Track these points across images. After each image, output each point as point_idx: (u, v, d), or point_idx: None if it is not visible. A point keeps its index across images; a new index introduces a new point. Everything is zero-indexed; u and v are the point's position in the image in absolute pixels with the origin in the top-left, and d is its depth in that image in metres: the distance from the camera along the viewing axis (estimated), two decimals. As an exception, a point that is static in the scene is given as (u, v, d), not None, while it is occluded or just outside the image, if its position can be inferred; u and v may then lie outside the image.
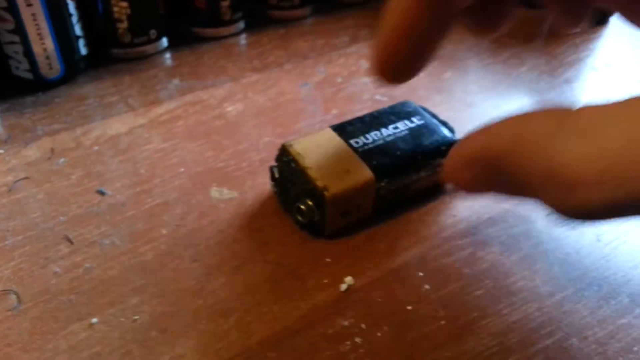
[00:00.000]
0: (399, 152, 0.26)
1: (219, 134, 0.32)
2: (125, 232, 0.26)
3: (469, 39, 0.41)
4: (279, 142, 0.31)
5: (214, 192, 0.29)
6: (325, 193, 0.24)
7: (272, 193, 0.28)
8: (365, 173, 0.25)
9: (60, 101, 0.35)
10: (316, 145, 0.26)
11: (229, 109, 0.34)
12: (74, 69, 0.36)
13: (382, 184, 0.25)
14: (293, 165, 0.25)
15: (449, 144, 0.27)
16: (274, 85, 0.36)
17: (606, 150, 0.15)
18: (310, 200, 0.25)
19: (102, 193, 0.28)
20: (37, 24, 0.32)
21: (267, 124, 0.33)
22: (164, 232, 0.26)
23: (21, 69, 0.34)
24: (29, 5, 0.31)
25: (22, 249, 0.26)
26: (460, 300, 0.24)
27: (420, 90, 0.36)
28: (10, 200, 0.28)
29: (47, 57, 0.34)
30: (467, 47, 0.41)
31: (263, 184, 0.29)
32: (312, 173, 0.25)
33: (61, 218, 0.27)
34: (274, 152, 0.27)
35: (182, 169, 0.30)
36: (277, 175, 0.27)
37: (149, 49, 0.38)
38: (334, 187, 0.24)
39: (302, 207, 0.25)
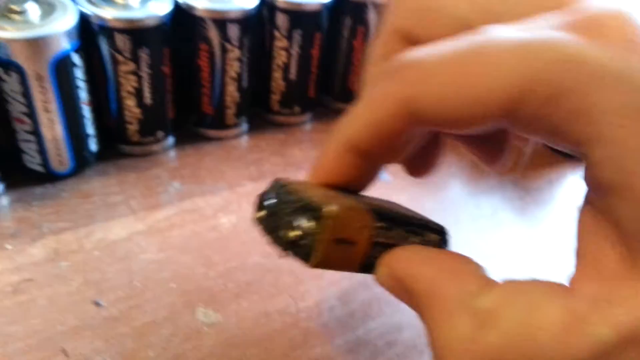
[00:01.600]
0: (394, 212, 0.25)
1: (211, 248, 0.35)
2: (116, 350, 0.29)
3: (452, 167, 0.44)
4: (265, 262, 0.34)
5: (200, 313, 0.31)
6: (324, 207, 0.22)
7: (253, 320, 0.31)
8: (363, 206, 0.23)
9: (66, 196, 0.37)
10: (313, 185, 0.25)
11: (223, 220, 0.37)
12: (83, 164, 0.38)
13: (379, 225, 0.24)
14: (288, 187, 0.24)
15: (439, 227, 0.26)
16: (267, 197, 0.39)
17: None
18: (306, 218, 0.23)
19: (98, 304, 0.31)
20: (52, 127, 0.35)
21: (257, 242, 0.36)
22: (151, 354, 0.29)
23: (34, 162, 0.36)
24: (47, 111, 0.34)
25: (22, 357, 0.28)
26: None
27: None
28: (14, 303, 0.31)
29: (59, 154, 0.36)
30: (449, 174, 0.44)
31: (246, 309, 0.32)
32: (311, 193, 0.23)
33: (59, 327, 0.30)
34: (260, 274, 0.30)
35: (174, 285, 0.33)
36: (266, 203, 0.24)
37: (155, 147, 0.41)
38: (333, 205, 0.22)
39: (295, 224, 0.23)
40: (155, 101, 0.38)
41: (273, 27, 0.40)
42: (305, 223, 0.22)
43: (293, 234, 0.23)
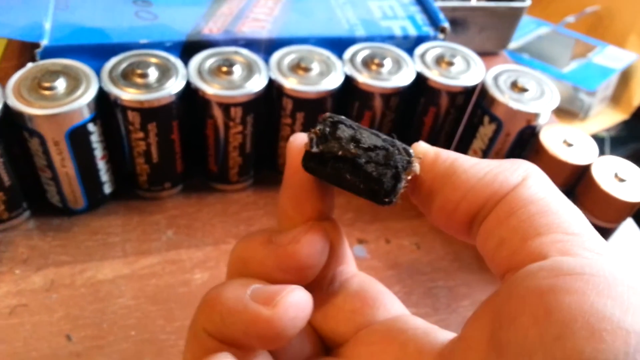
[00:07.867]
0: None
1: (177, 302, 0.41)
2: (68, 384, 0.36)
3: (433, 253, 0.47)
4: (217, 325, 0.40)
5: (146, 365, 0.38)
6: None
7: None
8: None
9: (76, 230, 0.44)
10: None
11: (197, 276, 0.43)
12: (97, 203, 0.45)
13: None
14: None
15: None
16: (244, 258, 0.45)
17: None
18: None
19: (69, 338, 0.38)
20: (68, 177, 0.42)
21: (218, 303, 0.41)
22: (94, 395, 0.36)
23: (54, 200, 0.44)
24: (64, 166, 0.41)
25: (-4, 374, 0.36)
26: None
27: None
28: (7, 324, 0.38)
29: (74, 196, 0.43)
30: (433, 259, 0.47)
31: (185, 367, 0.38)
32: None
33: (33, 353, 0.37)
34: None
35: (133, 332, 0.39)
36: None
37: (163, 194, 0.47)
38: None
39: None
40: (162, 160, 0.44)
41: (280, 108, 0.45)
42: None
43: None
